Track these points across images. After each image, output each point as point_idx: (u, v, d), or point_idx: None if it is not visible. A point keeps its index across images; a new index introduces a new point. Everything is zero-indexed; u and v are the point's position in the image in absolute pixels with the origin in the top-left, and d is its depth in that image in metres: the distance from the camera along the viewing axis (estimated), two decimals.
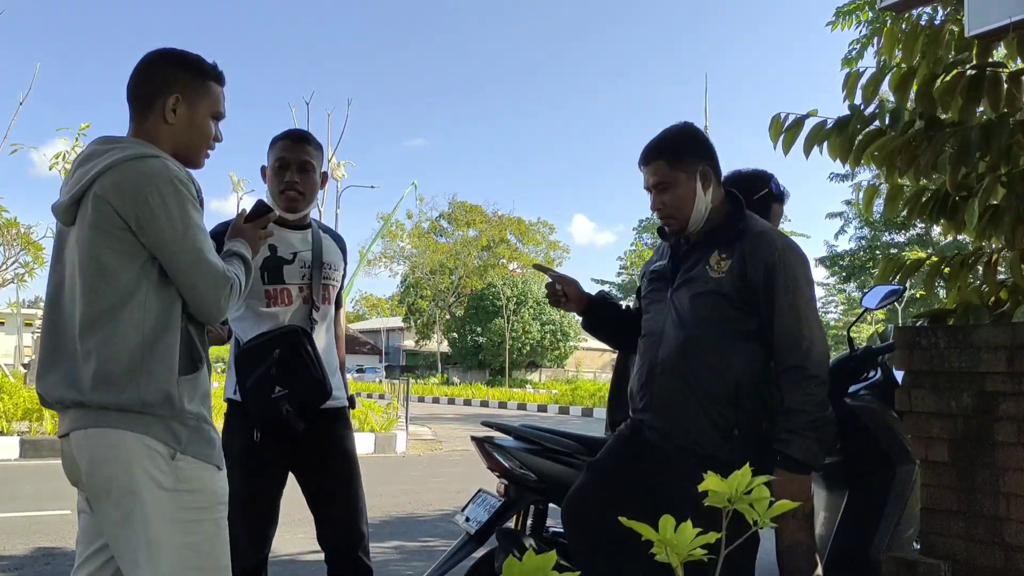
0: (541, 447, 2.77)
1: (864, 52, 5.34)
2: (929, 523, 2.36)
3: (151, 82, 2.03)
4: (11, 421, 10.69)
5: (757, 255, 2.45)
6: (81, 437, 1.88)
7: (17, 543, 5.39)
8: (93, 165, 1.90)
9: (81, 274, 1.88)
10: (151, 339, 1.87)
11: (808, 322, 2.40)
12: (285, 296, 2.82)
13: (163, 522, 1.84)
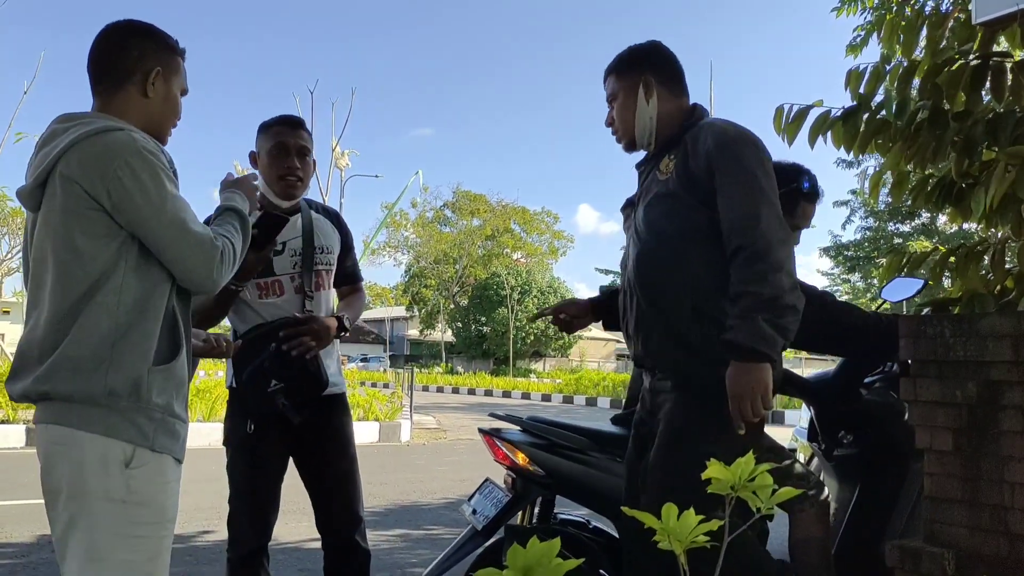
0: (550, 443, 2.76)
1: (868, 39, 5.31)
2: (933, 512, 2.36)
3: (127, 55, 1.92)
4: (16, 409, 10.72)
5: (699, 143, 2.31)
6: (43, 431, 1.80)
7: (23, 530, 5.42)
8: (55, 145, 1.79)
9: (53, 259, 1.78)
10: (125, 326, 1.77)
11: (755, 200, 2.20)
12: (277, 288, 2.82)
13: (107, 534, 1.75)
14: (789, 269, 2.17)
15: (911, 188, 3.45)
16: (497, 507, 2.79)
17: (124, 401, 1.77)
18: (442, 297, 54.21)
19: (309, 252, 2.85)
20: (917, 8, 3.65)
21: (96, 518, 1.74)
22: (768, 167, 2.28)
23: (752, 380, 2.14)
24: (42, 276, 1.81)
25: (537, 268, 51.93)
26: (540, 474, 2.72)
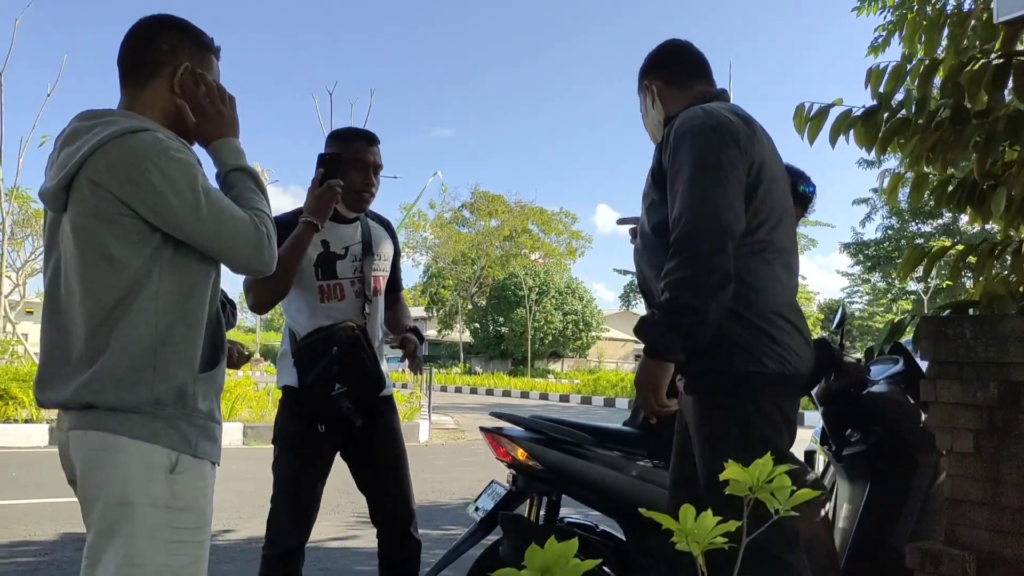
0: (549, 437, 2.76)
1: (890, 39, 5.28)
2: (954, 514, 2.35)
3: (156, 49, 1.85)
4: (39, 409, 10.83)
5: (667, 135, 2.27)
6: (81, 438, 1.75)
7: (47, 529, 5.48)
8: (79, 146, 1.73)
9: (86, 266, 1.73)
10: (166, 331, 1.74)
11: (683, 196, 2.11)
12: (338, 291, 2.89)
13: (149, 540, 1.72)
14: (713, 265, 2.04)
15: (932, 189, 3.42)
16: (496, 501, 2.80)
17: (170, 409, 1.74)
18: (460, 298, 54.27)
19: (368, 258, 2.95)
20: (939, 7, 3.62)
21: (138, 524, 1.71)
22: (707, 153, 2.13)
23: (645, 374, 2.19)
24: (72, 282, 1.76)
25: (555, 268, 51.85)
26: (539, 469, 2.72)
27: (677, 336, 2.08)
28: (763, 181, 2.21)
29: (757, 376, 2.13)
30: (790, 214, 2.34)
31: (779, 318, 2.18)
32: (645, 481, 2.69)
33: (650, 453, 2.76)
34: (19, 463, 8.51)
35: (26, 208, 18.65)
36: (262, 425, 11.22)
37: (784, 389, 2.18)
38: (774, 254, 2.22)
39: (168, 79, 1.86)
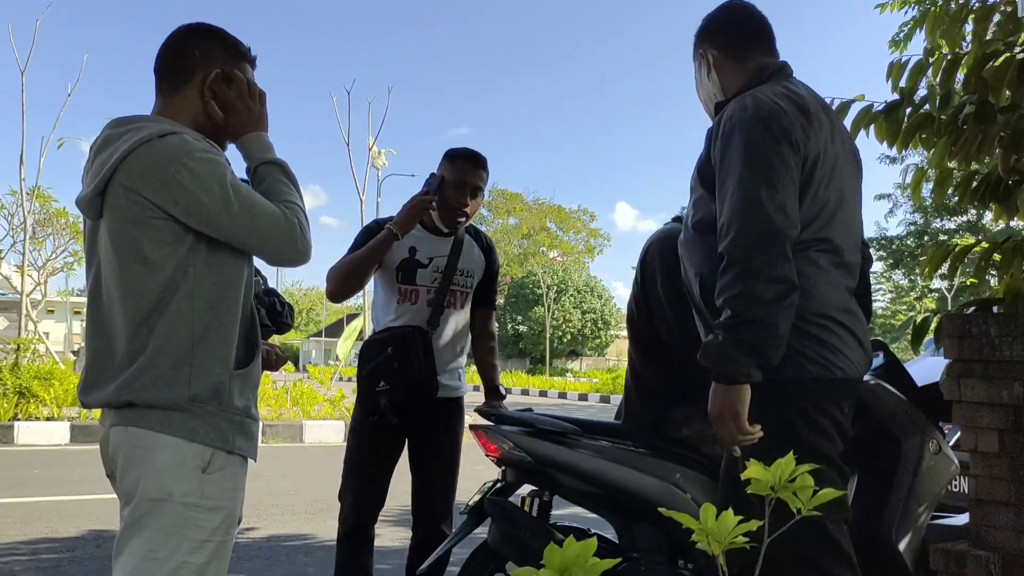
0: (536, 429, 2.74)
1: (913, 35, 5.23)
2: (979, 514, 2.32)
3: (189, 56, 1.89)
4: (61, 407, 10.94)
5: (717, 126, 2.13)
6: (121, 434, 1.79)
7: (69, 526, 5.52)
8: (111, 152, 1.77)
9: (124, 270, 1.77)
10: (202, 329, 1.77)
11: (731, 201, 1.99)
12: (414, 296, 3.11)
13: (173, 536, 1.74)
14: (769, 276, 1.92)
15: (956, 185, 3.38)
16: (483, 493, 2.77)
17: (207, 406, 1.78)
18: None
19: (450, 272, 3.13)
20: (962, 1, 3.58)
21: (165, 520, 1.74)
22: (757, 152, 2.01)
23: (719, 403, 2.00)
24: (112, 287, 1.80)
25: (574, 267, 51.84)
26: (528, 460, 2.68)
27: (748, 356, 1.93)
28: (816, 176, 2.07)
29: (799, 382, 2.02)
30: (849, 205, 2.17)
31: (828, 320, 2.05)
32: (633, 468, 2.66)
33: (636, 441, 2.74)
34: (41, 461, 8.59)
35: (47, 207, 18.80)
36: (280, 423, 11.28)
37: (831, 394, 2.05)
38: (823, 252, 2.08)
39: (199, 85, 1.89)
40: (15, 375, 10.86)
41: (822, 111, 2.16)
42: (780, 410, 2.03)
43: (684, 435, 2.76)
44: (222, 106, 1.91)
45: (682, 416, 2.78)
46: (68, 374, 12.61)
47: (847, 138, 2.26)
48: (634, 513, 2.68)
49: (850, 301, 2.13)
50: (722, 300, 1.97)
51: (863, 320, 2.16)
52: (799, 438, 1.99)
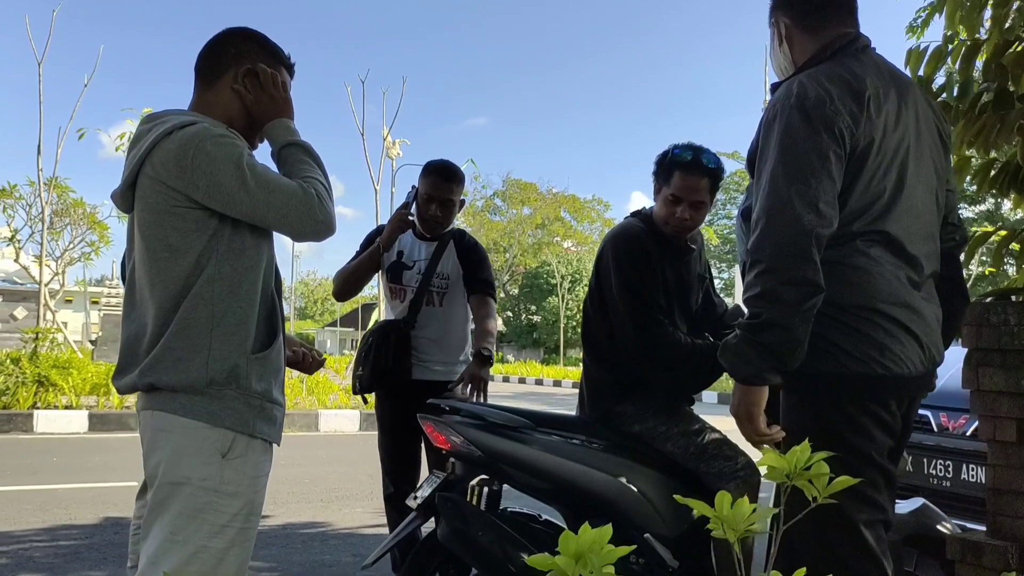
0: (486, 422, 2.71)
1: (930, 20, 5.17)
2: (997, 504, 2.30)
3: (225, 53, 1.98)
4: (79, 396, 11.02)
5: (764, 117, 2.04)
6: (148, 418, 1.85)
7: (87, 513, 5.58)
8: (140, 147, 1.85)
9: (151, 258, 1.83)
10: (220, 314, 1.82)
11: (763, 196, 1.93)
12: (401, 294, 3.63)
13: (193, 520, 1.78)
14: (791, 277, 1.86)
15: (973, 173, 3.35)
16: (433, 487, 2.75)
17: (224, 389, 1.82)
18: None
19: (428, 275, 3.58)
20: None
21: (186, 503, 1.78)
22: (793, 144, 1.92)
23: (736, 402, 1.96)
24: (142, 275, 1.86)
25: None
26: (476, 454, 2.66)
27: (763, 358, 1.89)
28: (868, 166, 1.96)
29: (837, 378, 1.95)
30: (916, 193, 2.05)
31: (873, 314, 1.95)
32: (584, 464, 2.65)
33: (588, 436, 2.72)
34: (60, 449, 8.67)
35: (65, 198, 18.90)
36: (296, 412, 11.33)
37: (873, 392, 1.96)
38: (874, 244, 1.98)
39: (230, 80, 1.96)
40: (34, 364, 10.96)
41: (891, 90, 2.02)
42: (816, 406, 1.98)
43: (636, 431, 2.76)
44: (250, 98, 1.97)
45: (633, 412, 2.77)
46: (86, 363, 12.72)
47: (926, 114, 2.12)
48: (584, 508, 2.67)
49: (908, 295, 2.00)
50: (744, 299, 1.92)
51: (924, 314, 2.03)
52: (835, 435, 1.92)
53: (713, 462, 2.64)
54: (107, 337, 20.76)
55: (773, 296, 1.86)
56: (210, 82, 1.97)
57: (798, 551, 1.94)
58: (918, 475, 4.30)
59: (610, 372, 2.82)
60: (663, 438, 2.72)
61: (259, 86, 1.97)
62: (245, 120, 1.98)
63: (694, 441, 2.69)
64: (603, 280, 2.81)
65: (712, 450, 2.67)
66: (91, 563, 4.40)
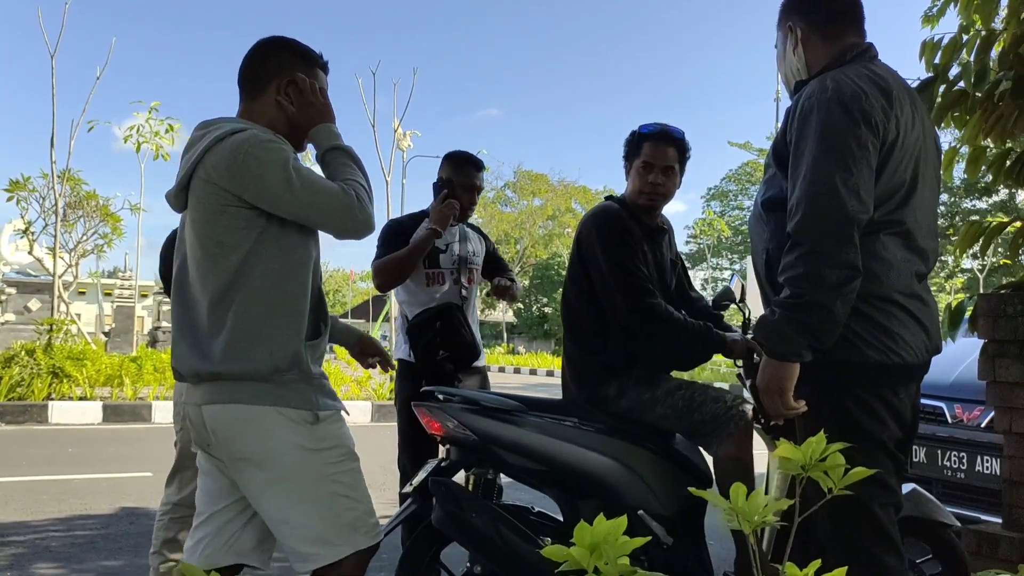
0: (480, 406, 2.71)
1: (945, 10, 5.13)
2: (1013, 496, 2.29)
3: (265, 66, 2.12)
4: (93, 387, 11.09)
5: (795, 105, 2.10)
6: (217, 411, 1.98)
7: (103, 503, 5.62)
8: (194, 151, 1.99)
9: (203, 254, 1.97)
10: (276, 306, 1.97)
11: (804, 182, 1.98)
12: (440, 279, 3.69)
13: (308, 479, 1.97)
14: (835, 260, 1.92)
15: (989, 163, 3.33)
16: (427, 472, 2.74)
17: (288, 375, 1.97)
18: None
19: (464, 255, 3.74)
20: None
21: (294, 470, 1.96)
22: (834, 135, 1.98)
23: (767, 377, 2.02)
24: (194, 269, 2.01)
25: None
26: (471, 438, 2.65)
27: (801, 336, 1.95)
28: (893, 158, 2.03)
29: (856, 365, 2.01)
30: (926, 189, 2.13)
31: (891, 304, 2.03)
32: (579, 445, 2.65)
33: (581, 418, 2.72)
34: (75, 439, 8.73)
35: (78, 190, 18.99)
36: None
37: (889, 379, 2.04)
38: (893, 235, 2.05)
39: (273, 92, 2.11)
40: (48, 355, 11.02)
41: (905, 95, 2.12)
42: (835, 393, 2.03)
43: (623, 407, 2.77)
44: (292, 108, 2.12)
45: (615, 391, 2.78)
46: (100, 355, 12.79)
47: (928, 123, 2.23)
48: (579, 490, 2.68)
49: (918, 286, 2.09)
50: (784, 278, 1.97)
51: (931, 305, 2.12)
52: (852, 421, 1.99)
53: (705, 408, 2.66)
54: (120, 329, 20.89)
55: (817, 277, 1.91)
56: (254, 95, 2.12)
57: (815, 536, 1.96)
58: (932, 467, 4.29)
59: (594, 357, 2.84)
60: (651, 404, 2.73)
61: (300, 95, 2.11)
62: (289, 127, 2.12)
63: (681, 395, 2.72)
64: (587, 262, 2.82)
65: (699, 397, 2.69)
66: (107, 553, 4.43)
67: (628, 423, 2.76)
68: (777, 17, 2.35)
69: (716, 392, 2.72)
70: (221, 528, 2.09)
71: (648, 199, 2.90)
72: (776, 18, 2.36)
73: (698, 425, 2.68)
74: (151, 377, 11.94)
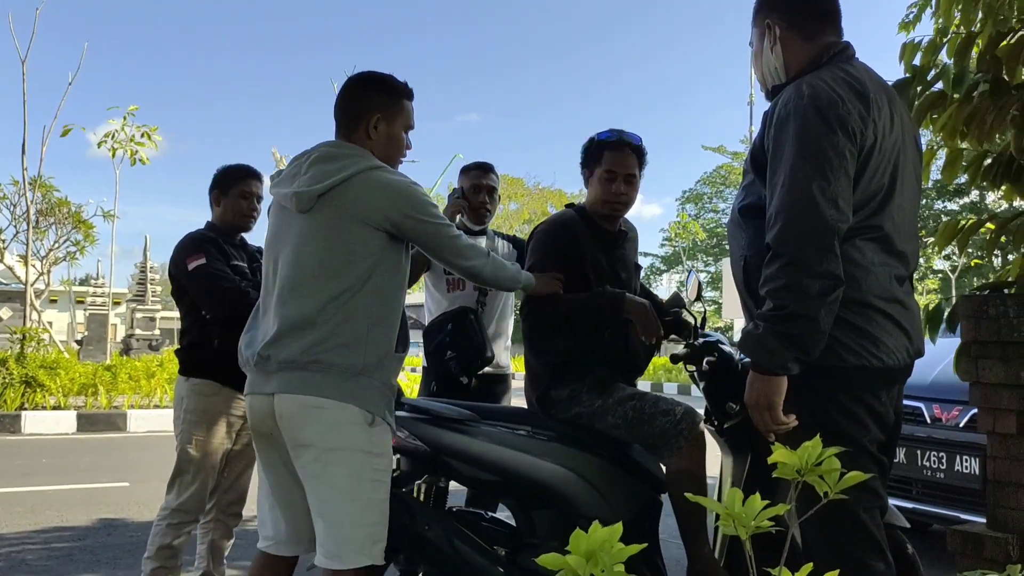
0: (431, 416, 2.69)
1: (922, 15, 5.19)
2: (996, 496, 2.31)
3: (357, 103, 2.41)
4: (67, 396, 10.94)
5: (772, 112, 2.08)
6: (292, 400, 2.18)
7: (79, 514, 5.54)
8: (338, 167, 2.25)
9: (329, 256, 2.22)
10: (377, 317, 2.23)
11: (783, 191, 1.96)
12: (460, 284, 3.77)
13: (357, 479, 2.17)
14: (816, 270, 1.91)
15: (966, 164, 3.36)
16: None
17: (369, 378, 2.21)
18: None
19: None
20: None
21: (350, 467, 2.17)
22: (811, 142, 1.96)
23: (755, 392, 2.00)
24: (312, 266, 2.23)
25: None
26: (422, 448, 2.62)
27: (787, 348, 1.93)
28: (871, 165, 2.02)
29: (836, 370, 2.00)
30: (904, 192, 2.11)
31: (870, 309, 2.02)
32: (531, 454, 2.64)
33: (534, 426, 2.72)
34: (49, 450, 8.61)
35: (49, 197, 18.74)
36: None
37: (868, 383, 2.03)
38: (870, 240, 2.04)
39: (365, 127, 2.40)
40: (21, 365, 10.86)
41: (883, 95, 2.10)
42: (815, 398, 2.01)
43: (575, 413, 2.77)
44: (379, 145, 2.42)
45: (568, 394, 2.79)
46: (73, 363, 12.62)
47: (908, 121, 2.20)
48: (532, 499, 2.68)
49: (898, 290, 2.08)
50: (766, 290, 1.95)
51: (913, 309, 2.11)
52: (833, 426, 1.97)
53: (654, 422, 2.66)
54: (93, 337, 20.63)
55: (799, 288, 1.90)
56: (350, 128, 2.41)
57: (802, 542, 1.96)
58: (911, 467, 4.33)
59: (539, 358, 2.87)
60: (602, 412, 2.73)
61: (380, 134, 2.41)
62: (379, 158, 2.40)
63: (631, 406, 2.71)
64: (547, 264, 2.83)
65: (649, 410, 2.69)
66: (84, 565, 4.37)
67: (581, 430, 2.76)
68: (752, 13, 2.31)
69: (667, 404, 2.71)
70: (280, 520, 2.32)
71: (612, 208, 2.93)
72: (751, 15, 2.32)
73: (648, 438, 2.69)
74: (126, 386, 11.80)
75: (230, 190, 3.41)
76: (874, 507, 2.05)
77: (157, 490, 6.30)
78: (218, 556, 3.42)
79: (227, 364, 3.29)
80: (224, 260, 3.28)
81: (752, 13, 2.32)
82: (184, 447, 3.22)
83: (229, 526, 3.46)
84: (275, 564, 2.36)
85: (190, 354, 3.32)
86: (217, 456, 3.26)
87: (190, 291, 3.29)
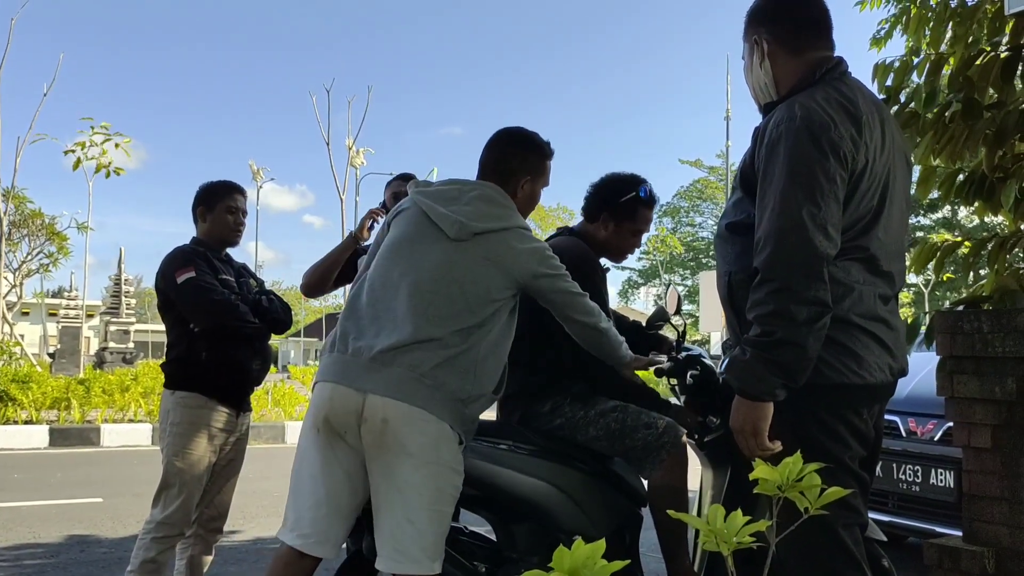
0: None
1: (892, 32, 5.27)
2: (972, 510, 2.34)
3: (511, 162, 2.61)
4: (39, 410, 10.81)
5: (763, 131, 2.05)
6: (403, 408, 2.26)
7: (51, 530, 5.46)
8: (498, 216, 2.47)
9: (471, 289, 2.38)
10: (487, 354, 2.38)
11: (771, 215, 1.94)
12: None
13: (442, 493, 2.28)
14: (805, 297, 1.89)
15: (940, 182, 3.41)
16: None
17: (467, 406, 2.34)
18: None
19: None
20: (942, 1, 3.61)
21: (442, 480, 2.29)
22: (802, 167, 1.94)
23: (741, 418, 1.98)
24: (450, 291, 2.38)
25: None
26: None
27: (774, 375, 1.91)
28: (860, 188, 2.00)
29: (816, 388, 1.97)
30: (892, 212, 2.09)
31: (852, 327, 2.00)
32: (512, 469, 2.64)
33: (515, 441, 2.73)
34: (21, 465, 8.48)
35: (22, 209, 18.57)
36: (262, 425, 11.19)
37: (848, 400, 2.02)
38: (855, 261, 2.02)
39: (515, 185, 2.60)
40: None
41: (875, 115, 2.07)
42: (796, 415, 2.00)
43: (556, 425, 2.77)
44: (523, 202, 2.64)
45: (550, 408, 2.80)
46: (46, 377, 12.47)
47: (900, 139, 2.18)
48: (513, 514, 2.67)
49: (882, 309, 2.06)
50: (754, 315, 1.93)
51: (897, 328, 2.10)
52: (814, 442, 1.96)
53: (636, 435, 2.68)
54: (66, 349, 20.37)
55: (787, 315, 1.88)
56: (500, 182, 2.58)
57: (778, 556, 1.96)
58: (887, 480, 4.36)
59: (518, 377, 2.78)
60: (584, 424, 2.74)
61: (530, 193, 2.63)
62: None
63: (614, 418, 2.73)
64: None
65: (631, 423, 2.70)
66: None
67: (562, 443, 2.76)
68: (743, 28, 2.28)
69: (649, 418, 2.72)
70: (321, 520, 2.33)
71: (624, 258, 3.13)
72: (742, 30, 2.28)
73: (630, 451, 2.70)
74: (99, 399, 11.67)
75: (216, 205, 3.39)
76: (853, 524, 2.04)
77: (131, 505, 6.23)
78: (197, 572, 3.38)
79: (214, 377, 3.27)
80: (213, 274, 3.27)
81: (743, 29, 2.28)
82: (171, 460, 3.19)
83: (209, 542, 3.42)
84: (303, 562, 2.34)
85: (176, 367, 3.30)
86: (203, 468, 3.24)
87: (179, 304, 3.26)
